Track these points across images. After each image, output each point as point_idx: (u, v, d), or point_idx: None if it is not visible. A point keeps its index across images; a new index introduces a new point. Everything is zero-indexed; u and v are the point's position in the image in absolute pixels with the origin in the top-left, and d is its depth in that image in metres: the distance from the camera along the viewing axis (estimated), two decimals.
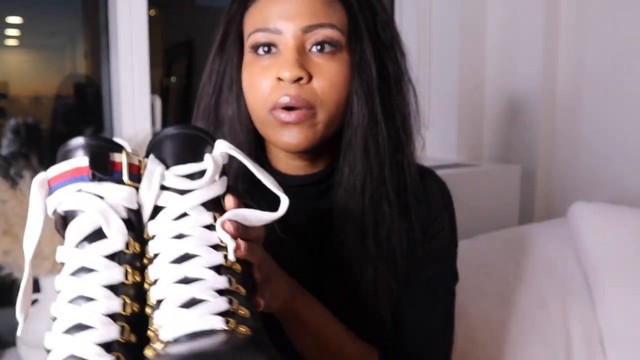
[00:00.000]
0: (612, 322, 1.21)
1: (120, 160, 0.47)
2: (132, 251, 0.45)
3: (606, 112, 1.75)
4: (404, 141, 0.72)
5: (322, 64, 0.66)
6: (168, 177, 0.48)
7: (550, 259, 1.27)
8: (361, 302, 0.71)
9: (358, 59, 0.68)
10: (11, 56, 1.56)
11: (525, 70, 1.86)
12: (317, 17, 0.66)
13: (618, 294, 1.21)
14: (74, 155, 0.47)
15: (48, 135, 1.63)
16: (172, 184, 0.48)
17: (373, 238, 0.71)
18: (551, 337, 1.18)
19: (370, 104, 0.68)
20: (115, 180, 0.46)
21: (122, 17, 1.43)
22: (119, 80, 1.47)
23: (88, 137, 0.48)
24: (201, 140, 0.50)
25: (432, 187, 0.78)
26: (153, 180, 0.47)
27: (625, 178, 1.72)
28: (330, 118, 0.67)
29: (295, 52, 0.65)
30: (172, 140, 0.50)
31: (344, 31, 0.67)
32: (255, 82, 0.67)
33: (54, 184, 0.47)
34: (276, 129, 0.67)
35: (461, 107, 1.93)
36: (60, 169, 0.47)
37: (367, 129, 0.68)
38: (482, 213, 1.66)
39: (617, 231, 1.27)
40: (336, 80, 0.66)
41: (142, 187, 0.47)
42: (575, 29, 1.81)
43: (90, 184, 0.46)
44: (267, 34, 0.66)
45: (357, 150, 0.69)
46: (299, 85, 0.65)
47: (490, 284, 1.17)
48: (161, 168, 0.48)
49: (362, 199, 0.70)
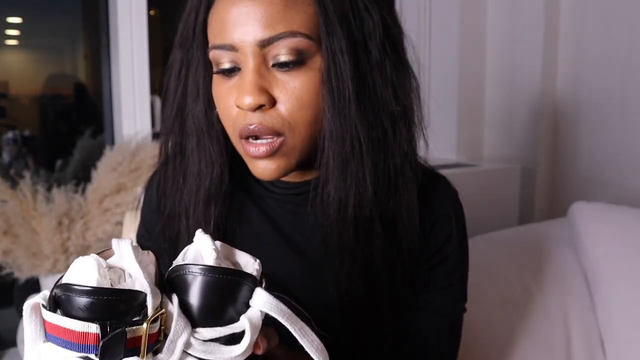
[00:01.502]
0: (612, 323, 1.21)
1: (140, 334, 0.38)
2: None
3: (606, 113, 1.75)
4: (394, 144, 0.62)
5: (286, 81, 0.56)
6: (194, 344, 0.39)
7: (550, 259, 1.27)
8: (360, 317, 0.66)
9: (327, 64, 0.57)
10: (11, 56, 1.56)
11: (526, 70, 1.86)
12: (275, 26, 0.55)
13: (618, 294, 1.21)
14: (78, 311, 0.37)
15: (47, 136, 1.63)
16: (197, 352, 0.39)
17: (364, 253, 0.63)
18: (551, 337, 1.18)
19: (346, 115, 0.58)
20: (128, 354, 0.38)
21: (122, 17, 1.43)
22: (119, 80, 1.47)
23: (100, 292, 0.37)
24: (238, 285, 0.41)
25: (442, 199, 0.70)
26: (175, 351, 0.39)
27: (625, 178, 1.72)
28: (303, 140, 0.59)
29: (255, 74, 0.56)
30: (201, 285, 0.40)
31: (311, 33, 0.56)
32: (222, 105, 0.60)
33: (53, 335, 0.38)
34: (247, 159, 0.60)
35: (461, 107, 1.93)
36: (61, 322, 0.37)
37: (341, 146, 0.59)
38: (482, 213, 1.66)
39: (617, 231, 1.26)
40: (306, 98, 0.57)
41: (162, 355, 0.39)
42: (576, 29, 1.81)
43: None
44: (224, 52, 0.58)
45: (333, 172, 0.60)
46: (262, 112, 0.56)
47: (490, 284, 1.17)
48: (185, 336, 0.39)
49: (345, 219, 0.62)
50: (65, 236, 1.11)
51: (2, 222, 1.10)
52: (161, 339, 0.39)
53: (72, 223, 1.13)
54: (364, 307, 0.66)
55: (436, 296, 0.70)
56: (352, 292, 0.65)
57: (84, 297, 0.37)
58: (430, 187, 0.70)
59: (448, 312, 0.72)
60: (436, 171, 0.72)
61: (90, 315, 0.37)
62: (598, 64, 1.76)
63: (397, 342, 0.71)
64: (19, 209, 1.11)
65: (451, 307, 0.72)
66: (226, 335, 0.40)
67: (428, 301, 0.70)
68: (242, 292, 0.41)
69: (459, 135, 1.93)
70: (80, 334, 0.37)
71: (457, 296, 0.72)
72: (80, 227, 1.13)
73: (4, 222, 1.10)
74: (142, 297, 0.38)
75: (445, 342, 0.72)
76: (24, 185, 1.12)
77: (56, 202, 1.12)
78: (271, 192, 0.69)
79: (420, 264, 0.69)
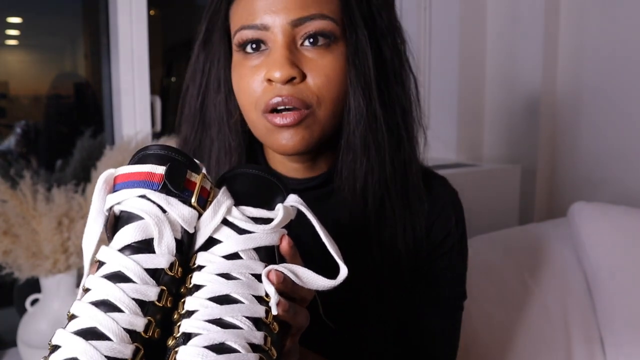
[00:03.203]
0: (612, 323, 1.21)
1: (196, 180, 0.45)
2: (173, 274, 0.43)
3: (606, 113, 1.75)
4: (405, 137, 0.67)
5: (315, 59, 0.60)
6: (234, 213, 0.46)
7: (551, 259, 1.27)
8: (364, 310, 0.68)
9: (354, 49, 0.62)
10: (11, 56, 1.56)
11: (526, 70, 1.86)
12: (307, 8, 0.60)
13: (618, 294, 1.21)
14: (150, 160, 0.45)
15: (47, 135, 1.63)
16: (236, 221, 0.46)
17: (377, 243, 0.66)
18: (551, 336, 1.18)
19: (368, 96, 0.63)
20: (182, 198, 0.44)
21: (122, 17, 1.43)
22: (119, 81, 1.47)
23: (170, 149, 0.45)
24: (276, 188, 0.49)
25: (443, 197, 0.73)
26: (219, 212, 0.45)
27: (625, 178, 1.72)
28: (329, 116, 0.62)
29: (286, 49, 0.59)
30: (248, 179, 0.48)
31: (338, 20, 0.61)
32: (245, 83, 0.62)
33: (120, 182, 0.45)
34: (270, 132, 0.62)
35: (461, 107, 1.93)
36: (132, 169, 0.45)
37: (365, 125, 0.63)
38: (482, 213, 1.66)
39: (617, 231, 1.26)
40: (333, 75, 0.61)
41: (206, 214, 0.45)
42: (576, 29, 1.81)
43: (157, 194, 0.44)
44: (253, 31, 0.61)
45: (356, 149, 0.64)
46: (292, 85, 0.60)
47: (490, 284, 1.17)
48: (230, 202, 0.46)
49: (364, 201, 0.65)
50: (65, 236, 1.11)
51: (2, 222, 1.10)
52: (208, 207, 0.45)
53: (72, 223, 1.13)
54: (367, 301, 0.67)
55: (435, 292, 0.72)
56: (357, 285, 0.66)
57: (158, 151, 0.45)
58: (430, 186, 0.72)
59: (447, 309, 0.73)
60: (436, 172, 0.75)
61: (159, 164, 0.44)
62: (598, 63, 1.76)
63: (397, 337, 0.71)
64: (19, 209, 1.11)
65: (450, 303, 0.73)
66: (263, 218, 0.47)
67: (427, 297, 0.72)
68: (279, 195, 0.49)
69: (459, 135, 1.93)
70: (148, 174, 0.44)
71: (456, 293, 0.74)
72: (80, 227, 1.12)
73: (4, 222, 1.10)
74: (200, 169, 0.47)
75: (445, 338, 0.73)
76: (24, 185, 1.12)
77: (56, 202, 1.12)
78: None
79: (420, 260, 0.70)
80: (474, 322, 1.10)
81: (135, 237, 0.43)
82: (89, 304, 0.41)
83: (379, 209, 0.66)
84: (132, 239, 0.43)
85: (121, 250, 0.43)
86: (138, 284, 0.41)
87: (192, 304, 0.42)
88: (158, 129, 1.55)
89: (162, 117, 1.55)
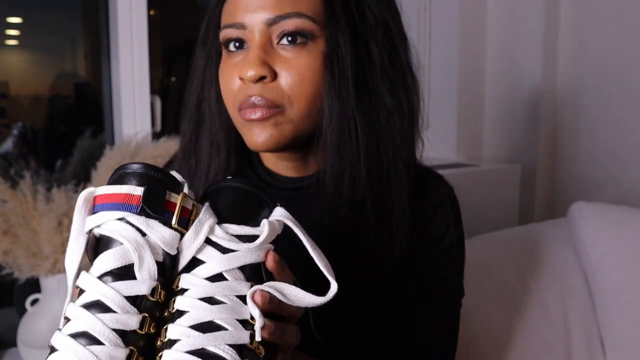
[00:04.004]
0: (612, 323, 1.21)
1: (176, 201, 0.44)
2: (156, 299, 0.42)
3: (606, 112, 1.75)
4: (389, 138, 0.65)
5: (290, 58, 0.60)
6: (217, 232, 0.45)
7: (551, 259, 1.27)
8: (356, 315, 0.67)
9: (331, 49, 0.61)
10: (11, 56, 1.56)
11: (526, 70, 1.86)
12: (282, 7, 0.60)
13: (618, 294, 1.21)
14: (129, 180, 0.43)
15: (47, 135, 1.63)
16: (219, 240, 0.44)
17: (359, 247, 0.65)
18: (551, 337, 1.18)
19: (345, 97, 0.61)
20: (162, 220, 0.43)
21: (122, 17, 1.43)
22: (119, 81, 1.47)
23: (149, 167, 0.44)
24: (261, 202, 0.47)
25: (439, 195, 0.72)
26: (201, 232, 0.44)
27: (625, 178, 1.72)
28: (302, 115, 0.61)
29: (259, 49, 0.60)
30: (232, 193, 0.47)
31: (317, 18, 0.60)
32: (225, 80, 0.64)
33: (99, 204, 0.44)
34: (243, 127, 0.63)
35: (461, 107, 1.93)
36: (110, 190, 0.44)
37: (339, 126, 0.62)
38: (482, 213, 1.66)
39: (617, 231, 1.26)
40: (307, 74, 0.60)
41: (188, 235, 0.44)
42: (576, 29, 1.81)
43: (136, 217, 0.42)
44: (233, 30, 0.62)
45: (329, 148, 0.63)
46: (263, 84, 0.60)
47: (490, 284, 1.17)
48: (213, 221, 0.45)
49: (340, 204, 0.64)
50: (65, 236, 1.11)
51: (2, 222, 1.10)
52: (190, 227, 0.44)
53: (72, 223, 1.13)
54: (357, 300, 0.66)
55: (433, 290, 0.72)
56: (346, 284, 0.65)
57: (137, 170, 0.44)
58: (427, 184, 0.72)
59: (445, 306, 0.73)
60: (432, 169, 0.75)
61: (138, 185, 0.43)
62: (598, 64, 1.76)
63: (394, 337, 0.71)
64: (19, 209, 1.11)
65: (448, 301, 0.73)
66: (247, 235, 0.45)
67: (425, 295, 0.71)
68: (264, 209, 0.47)
69: (459, 135, 1.93)
70: (126, 195, 0.43)
71: (453, 290, 0.74)
72: None
73: (4, 222, 1.10)
74: (181, 188, 0.45)
75: (443, 336, 0.73)
76: (24, 185, 1.12)
77: (56, 202, 1.12)
78: (274, 189, 0.70)
79: (417, 258, 0.70)
80: (474, 322, 1.10)
81: (115, 263, 0.42)
82: (69, 337, 0.40)
83: (358, 212, 0.65)
84: (112, 266, 0.42)
85: (101, 277, 0.42)
86: (118, 313, 0.41)
87: (174, 333, 0.42)
88: (158, 129, 1.55)
89: (162, 117, 1.55)
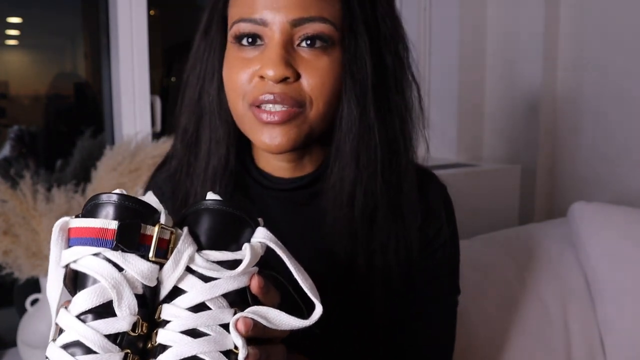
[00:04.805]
0: (612, 322, 1.21)
1: (152, 234, 0.42)
2: (138, 333, 0.41)
3: (606, 112, 1.75)
4: (402, 147, 0.66)
5: (311, 60, 0.60)
6: (198, 260, 0.43)
7: (550, 259, 1.27)
8: (353, 315, 0.67)
9: (351, 57, 0.61)
10: (11, 56, 1.56)
11: (526, 70, 1.86)
12: (308, 9, 0.59)
13: (618, 294, 1.21)
14: (103, 212, 0.42)
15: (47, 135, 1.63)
16: (200, 269, 0.43)
17: (364, 251, 0.65)
18: (550, 337, 1.18)
19: (363, 106, 0.62)
20: (139, 254, 0.42)
21: (122, 17, 1.43)
22: (119, 80, 1.47)
23: (123, 197, 0.42)
24: (242, 222, 0.45)
25: (433, 194, 0.73)
26: (180, 263, 0.43)
27: (625, 178, 1.72)
28: (319, 117, 0.61)
29: (282, 48, 0.59)
30: (211, 216, 0.45)
31: (338, 25, 0.60)
32: (235, 74, 0.62)
33: (74, 237, 0.42)
34: (255, 127, 0.61)
35: (461, 107, 1.93)
36: (84, 223, 0.42)
37: (358, 134, 0.62)
38: (482, 213, 1.66)
39: (617, 231, 1.26)
40: (327, 78, 0.60)
41: (167, 266, 0.43)
42: (576, 29, 1.81)
43: (112, 252, 0.41)
44: (251, 25, 0.60)
45: (346, 157, 0.63)
46: (285, 84, 0.59)
47: (490, 284, 1.17)
48: (192, 249, 0.43)
49: (352, 209, 0.64)
50: None
51: (2, 222, 1.10)
52: (169, 257, 0.43)
53: None
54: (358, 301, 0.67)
55: (428, 288, 0.72)
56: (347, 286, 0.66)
57: (109, 200, 0.42)
58: (421, 183, 0.72)
59: (441, 304, 0.73)
60: (425, 168, 0.75)
61: (112, 217, 0.42)
62: (598, 64, 1.76)
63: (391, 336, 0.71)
64: (19, 209, 1.11)
65: (444, 298, 0.74)
66: (229, 261, 0.44)
67: (421, 293, 0.72)
68: (245, 229, 0.46)
69: (459, 135, 1.93)
70: (100, 230, 0.41)
71: (449, 288, 0.74)
72: None
73: (4, 222, 1.10)
74: (157, 216, 0.44)
75: (440, 334, 0.74)
76: (24, 185, 1.12)
77: (56, 202, 1.12)
78: (268, 190, 0.69)
79: (412, 266, 0.70)
80: (473, 322, 1.10)
81: (93, 302, 0.41)
82: None
83: (368, 219, 0.65)
84: (90, 305, 0.41)
85: (80, 316, 0.41)
86: (99, 354, 0.40)
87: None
88: (158, 129, 1.55)
89: (162, 117, 1.55)
